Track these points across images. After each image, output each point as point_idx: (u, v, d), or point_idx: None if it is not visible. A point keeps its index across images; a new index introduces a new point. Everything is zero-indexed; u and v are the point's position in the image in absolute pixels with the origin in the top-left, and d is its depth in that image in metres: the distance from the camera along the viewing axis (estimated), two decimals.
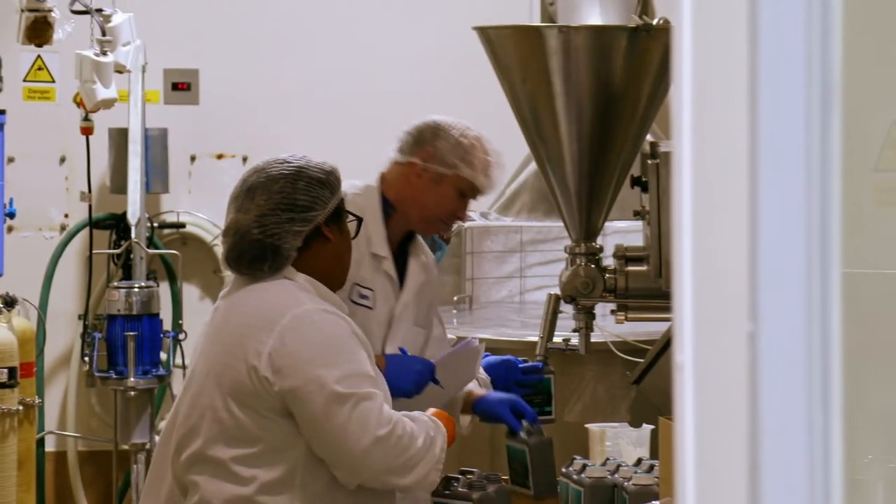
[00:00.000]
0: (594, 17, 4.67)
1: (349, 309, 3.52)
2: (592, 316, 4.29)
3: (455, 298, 6.96)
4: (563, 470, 3.80)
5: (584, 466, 3.74)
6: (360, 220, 3.39)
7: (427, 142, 3.93)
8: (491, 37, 4.16)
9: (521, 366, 4.32)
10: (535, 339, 4.40)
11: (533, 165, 7.20)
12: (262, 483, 3.11)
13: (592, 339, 4.32)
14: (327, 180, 3.30)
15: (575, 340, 4.32)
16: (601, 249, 4.26)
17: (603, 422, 4.63)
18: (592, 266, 4.20)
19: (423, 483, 3.27)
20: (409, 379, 3.62)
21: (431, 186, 3.88)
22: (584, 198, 4.18)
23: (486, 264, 7.28)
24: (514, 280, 7.30)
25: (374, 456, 3.13)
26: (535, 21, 7.38)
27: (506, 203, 7.53)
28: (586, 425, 4.54)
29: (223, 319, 3.24)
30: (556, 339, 4.40)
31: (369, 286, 3.81)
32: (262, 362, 3.11)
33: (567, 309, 4.33)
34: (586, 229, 4.21)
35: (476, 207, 7.46)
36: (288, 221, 3.23)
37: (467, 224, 7.26)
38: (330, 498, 3.16)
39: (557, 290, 4.28)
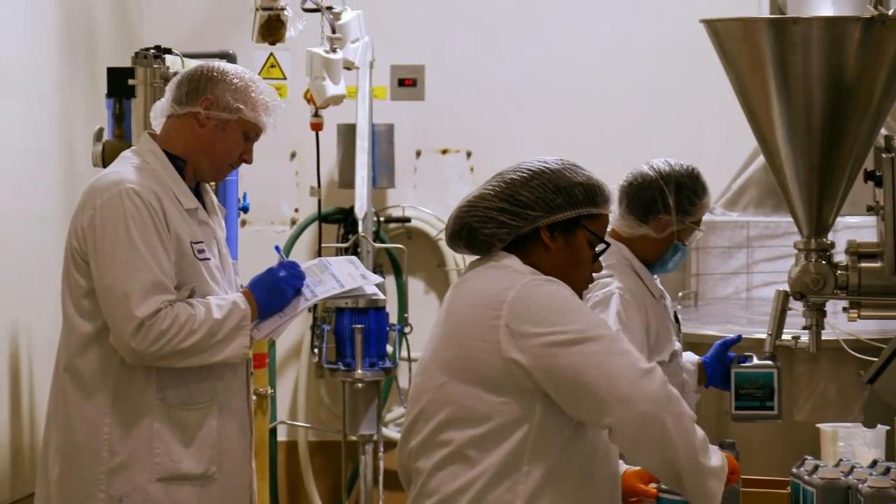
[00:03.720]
0: (826, 9, 4.58)
1: (196, 268, 3.82)
2: (823, 313, 4.22)
3: (680, 294, 6.89)
4: (794, 470, 3.74)
5: (817, 467, 3.68)
6: (607, 245, 3.28)
7: (204, 90, 3.97)
8: (719, 30, 4.12)
9: (742, 364, 4.27)
10: (763, 336, 4.34)
11: (760, 160, 7.08)
12: (489, 465, 3.10)
13: (823, 337, 4.24)
14: (568, 188, 3.21)
15: (804, 338, 4.25)
16: (832, 245, 4.18)
17: (834, 422, 4.54)
18: (823, 262, 4.13)
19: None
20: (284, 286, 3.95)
21: (217, 134, 3.97)
22: (815, 192, 4.11)
23: (711, 260, 7.20)
24: (741, 276, 7.20)
25: (646, 384, 3.07)
26: (764, 13, 7.26)
27: (732, 198, 7.43)
28: (818, 425, 4.46)
29: (447, 308, 3.27)
30: (785, 337, 4.34)
31: (200, 239, 3.93)
32: (501, 336, 3.10)
33: (796, 306, 4.26)
34: (817, 225, 4.15)
35: None
36: (498, 210, 3.20)
37: None
38: (554, 482, 3.12)
39: (786, 287, 4.21)
